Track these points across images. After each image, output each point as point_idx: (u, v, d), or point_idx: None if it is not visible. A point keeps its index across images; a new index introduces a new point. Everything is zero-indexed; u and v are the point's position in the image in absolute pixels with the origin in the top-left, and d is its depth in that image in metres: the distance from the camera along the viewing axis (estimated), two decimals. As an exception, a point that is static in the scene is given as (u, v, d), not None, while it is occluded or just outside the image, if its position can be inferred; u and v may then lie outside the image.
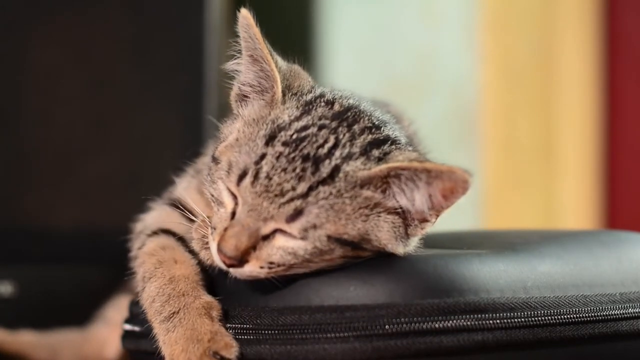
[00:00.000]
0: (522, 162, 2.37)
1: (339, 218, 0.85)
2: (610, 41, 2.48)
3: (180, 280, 0.91)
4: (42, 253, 1.57)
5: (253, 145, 0.87)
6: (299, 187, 0.84)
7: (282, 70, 0.93)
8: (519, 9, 2.36)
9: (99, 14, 1.62)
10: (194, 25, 1.62)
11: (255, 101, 0.93)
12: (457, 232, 1.21)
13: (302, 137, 0.87)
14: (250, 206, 0.85)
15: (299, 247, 0.85)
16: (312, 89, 0.94)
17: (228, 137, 0.92)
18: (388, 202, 0.87)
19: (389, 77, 2.33)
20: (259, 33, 0.91)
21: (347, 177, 0.86)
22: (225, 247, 0.85)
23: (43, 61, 1.59)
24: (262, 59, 0.92)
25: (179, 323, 0.88)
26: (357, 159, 0.87)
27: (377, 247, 0.87)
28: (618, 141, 2.50)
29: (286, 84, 0.92)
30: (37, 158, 1.60)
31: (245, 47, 0.93)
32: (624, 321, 0.93)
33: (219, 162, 0.90)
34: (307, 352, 0.85)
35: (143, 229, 1.01)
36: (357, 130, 0.89)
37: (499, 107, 2.31)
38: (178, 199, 1.01)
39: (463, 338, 0.85)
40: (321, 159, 0.86)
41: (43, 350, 1.34)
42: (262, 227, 0.85)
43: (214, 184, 0.90)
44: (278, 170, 0.85)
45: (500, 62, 2.32)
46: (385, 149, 0.89)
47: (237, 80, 0.95)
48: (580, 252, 0.98)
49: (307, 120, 0.89)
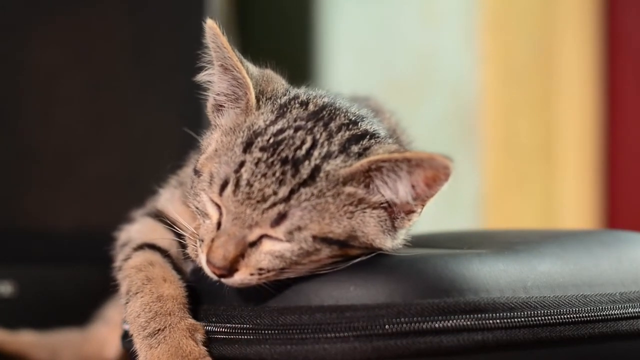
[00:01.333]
0: (522, 162, 2.37)
1: (322, 218, 0.85)
2: (610, 41, 2.48)
3: (168, 300, 0.91)
4: (42, 253, 1.57)
5: (231, 154, 0.88)
6: (281, 191, 0.84)
7: (254, 76, 0.93)
8: (519, 9, 2.36)
9: (99, 14, 1.62)
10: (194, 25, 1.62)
11: (230, 110, 0.94)
12: (457, 232, 1.21)
13: (279, 141, 0.87)
14: (235, 215, 0.85)
15: (286, 250, 0.85)
16: (286, 92, 0.94)
17: (207, 148, 0.92)
18: (372, 196, 0.87)
19: (389, 77, 2.33)
20: (226, 42, 0.91)
21: (328, 176, 0.86)
22: (214, 258, 0.86)
23: (43, 61, 1.59)
24: (233, 67, 0.92)
25: (164, 340, 0.88)
26: (337, 157, 0.87)
27: (365, 242, 0.87)
28: (618, 141, 2.50)
29: (259, 89, 0.92)
30: (37, 158, 1.60)
31: (215, 57, 0.93)
32: (624, 321, 0.93)
33: (200, 175, 0.90)
34: (307, 352, 0.85)
35: (128, 241, 1.01)
36: (334, 128, 0.89)
37: (499, 107, 2.31)
38: (162, 211, 1.02)
39: (463, 338, 0.85)
40: (300, 160, 0.86)
41: (43, 350, 1.34)
42: (248, 234, 0.85)
43: (197, 197, 0.90)
44: (258, 176, 0.85)
45: (500, 62, 2.32)
46: (364, 143, 0.89)
47: (211, 90, 0.95)
48: (580, 251, 0.98)
49: (282, 123, 0.89)
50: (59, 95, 1.60)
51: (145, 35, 1.62)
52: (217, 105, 0.95)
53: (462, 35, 2.31)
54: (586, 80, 2.45)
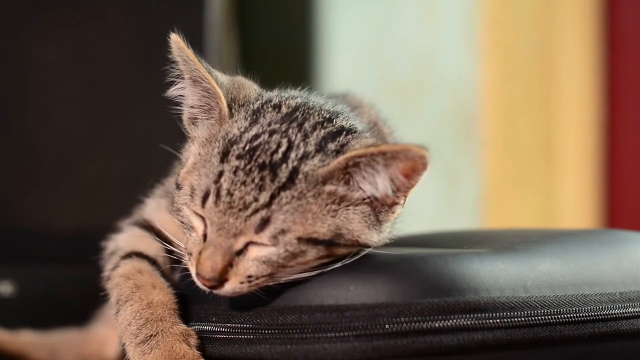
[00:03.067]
0: (522, 161, 2.37)
1: (305, 219, 0.85)
2: (611, 40, 2.48)
3: (158, 306, 0.92)
4: (42, 253, 1.57)
5: (210, 165, 0.88)
6: (261, 197, 0.84)
7: (225, 85, 0.93)
8: (519, 8, 2.36)
9: (99, 13, 1.62)
10: (194, 25, 1.62)
11: (205, 121, 0.93)
12: (457, 232, 1.21)
13: (255, 147, 0.87)
14: (218, 225, 0.85)
15: (272, 254, 0.85)
16: (259, 97, 0.94)
17: (187, 161, 0.93)
18: (354, 193, 0.87)
19: (389, 77, 2.33)
20: (192, 54, 0.91)
21: (307, 177, 0.86)
22: (203, 270, 0.86)
23: (43, 61, 1.59)
24: (202, 79, 0.91)
25: (156, 345, 0.88)
26: (314, 156, 0.87)
27: (351, 240, 0.87)
28: (618, 141, 2.50)
29: (231, 97, 0.92)
30: (37, 158, 1.60)
31: (183, 71, 0.93)
32: (624, 320, 0.93)
33: (181, 188, 0.90)
34: (307, 351, 0.85)
35: (115, 250, 1.01)
36: (309, 127, 0.89)
37: (498, 107, 2.31)
38: (148, 220, 1.02)
39: (463, 337, 0.85)
40: (277, 164, 0.86)
41: (43, 350, 1.34)
42: (234, 243, 0.85)
43: (180, 212, 0.90)
44: (238, 184, 0.85)
45: (500, 62, 2.31)
46: (341, 140, 0.89)
47: (185, 104, 0.95)
48: (580, 251, 0.98)
49: (256, 128, 0.89)
50: (59, 95, 1.60)
51: (146, 35, 1.62)
52: (191, 118, 0.95)
53: (462, 35, 2.31)
54: (586, 80, 2.45)
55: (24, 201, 1.59)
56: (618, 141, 2.50)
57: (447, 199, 2.25)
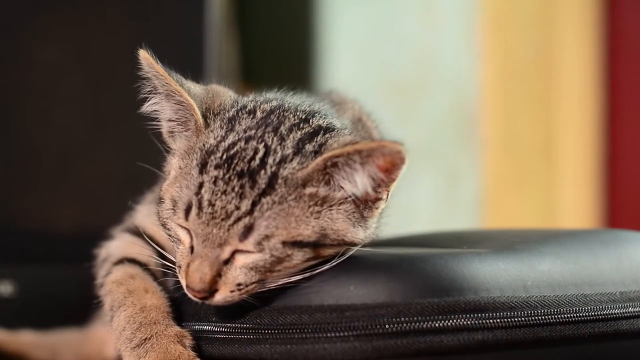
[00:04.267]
0: (522, 161, 2.37)
1: (288, 223, 0.85)
2: (611, 40, 2.48)
3: (151, 310, 0.92)
4: (42, 253, 1.57)
5: (190, 177, 0.87)
6: (242, 204, 0.84)
7: (198, 96, 0.92)
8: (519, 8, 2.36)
9: (99, 13, 1.62)
10: (194, 25, 1.62)
11: (182, 133, 0.93)
12: (457, 232, 1.21)
13: (232, 155, 0.87)
14: (203, 236, 0.85)
15: (258, 260, 0.85)
16: (234, 104, 0.94)
17: (169, 174, 0.92)
18: (335, 192, 0.87)
19: (389, 77, 2.33)
20: (162, 69, 0.91)
21: (286, 181, 0.86)
22: (192, 282, 0.86)
23: (43, 61, 1.59)
24: (174, 93, 0.91)
25: (151, 348, 0.88)
26: (292, 159, 0.86)
27: (337, 239, 0.87)
28: (618, 141, 2.50)
29: (205, 107, 0.92)
30: (37, 158, 1.60)
31: (155, 86, 0.93)
32: (624, 320, 0.93)
33: (163, 202, 0.90)
34: (307, 351, 0.85)
35: (107, 257, 1.01)
36: (284, 130, 0.89)
37: (499, 107, 2.31)
38: (139, 227, 1.02)
39: (463, 337, 0.85)
40: (256, 171, 0.85)
41: (43, 350, 1.34)
42: (221, 253, 0.85)
43: (166, 225, 0.90)
44: (218, 194, 0.85)
45: (500, 62, 2.31)
46: (318, 140, 0.88)
47: (162, 118, 0.95)
48: (580, 251, 0.98)
49: (233, 136, 0.88)
50: (59, 95, 1.60)
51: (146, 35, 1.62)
52: (170, 132, 0.95)
53: (462, 35, 2.31)
54: (586, 79, 2.45)
55: (24, 201, 1.59)
56: (618, 141, 2.50)
57: (447, 199, 2.25)
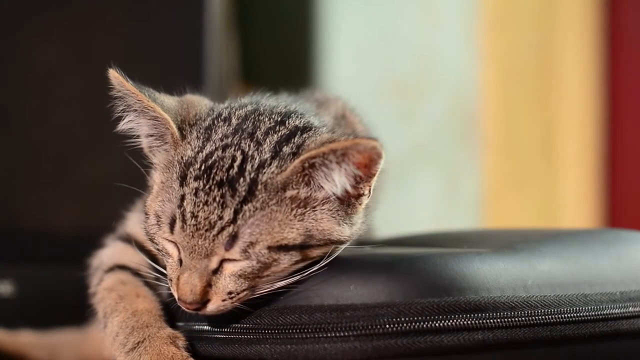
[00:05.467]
0: (522, 161, 2.37)
1: (272, 227, 0.85)
2: (611, 40, 2.48)
3: (143, 314, 0.92)
4: (42, 253, 1.57)
5: (171, 190, 0.87)
6: (225, 214, 0.84)
7: (172, 109, 0.92)
8: (519, 8, 2.36)
9: (99, 14, 1.62)
10: (194, 25, 1.62)
11: (161, 147, 0.93)
12: (457, 232, 1.21)
13: (211, 165, 0.86)
14: (190, 248, 0.85)
15: (246, 267, 0.85)
16: (210, 112, 0.93)
17: (152, 189, 0.92)
18: (317, 193, 0.87)
19: (389, 77, 2.33)
20: (132, 86, 0.91)
21: (266, 186, 0.85)
22: (183, 295, 0.86)
23: (43, 61, 1.59)
24: (147, 108, 0.91)
25: (145, 351, 0.88)
26: (271, 164, 0.86)
27: (323, 239, 0.87)
28: (618, 140, 2.50)
29: (180, 119, 0.91)
30: (37, 158, 1.60)
31: (128, 104, 0.92)
32: (624, 320, 0.93)
33: (148, 217, 0.90)
34: (307, 351, 0.85)
35: (99, 265, 1.02)
36: (260, 135, 0.88)
37: (499, 107, 2.31)
38: (130, 234, 1.02)
39: (463, 337, 0.85)
40: (235, 179, 0.85)
41: (43, 350, 1.34)
42: (209, 263, 0.85)
43: (153, 241, 0.90)
44: (200, 205, 0.85)
45: (501, 62, 2.32)
46: (295, 141, 0.88)
47: (141, 134, 0.94)
48: (580, 250, 0.98)
49: (210, 146, 0.88)
50: (59, 95, 1.60)
51: (146, 35, 1.62)
52: (149, 147, 0.94)
53: (462, 35, 2.31)
54: (586, 79, 2.45)
55: (24, 201, 1.59)
56: (618, 141, 2.50)
57: (447, 199, 2.25)
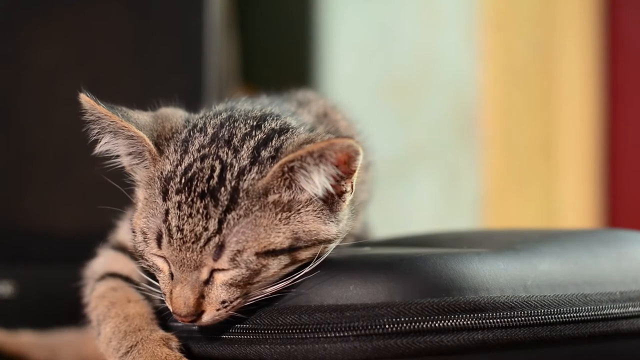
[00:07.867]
0: (522, 161, 2.37)
1: (258, 234, 0.85)
2: (611, 40, 2.48)
3: (135, 318, 0.92)
4: (42, 253, 1.57)
5: (155, 205, 0.87)
6: (210, 224, 0.84)
7: (147, 125, 0.92)
8: (519, 8, 2.36)
9: (99, 14, 1.62)
10: (194, 25, 1.62)
11: (140, 165, 0.93)
12: (457, 232, 1.21)
13: (191, 177, 0.86)
14: (179, 262, 0.85)
15: (236, 275, 0.85)
16: (186, 124, 0.93)
17: (137, 205, 0.92)
18: (299, 195, 0.87)
19: (389, 77, 2.33)
20: (104, 109, 0.91)
21: (248, 193, 0.85)
22: (177, 308, 0.86)
23: (43, 61, 1.59)
24: (122, 128, 0.91)
25: (138, 354, 0.89)
26: (250, 170, 0.86)
27: (310, 240, 0.87)
28: (618, 140, 2.50)
29: (156, 135, 0.91)
30: (37, 158, 1.60)
31: (102, 127, 0.92)
32: (624, 320, 0.93)
33: (135, 234, 0.90)
34: (307, 351, 0.85)
35: (92, 274, 1.02)
36: (237, 142, 0.88)
37: (499, 107, 2.31)
38: (122, 243, 1.02)
39: (463, 337, 0.85)
40: (216, 189, 0.85)
41: (43, 351, 1.34)
42: (199, 275, 0.85)
43: (143, 257, 0.90)
44: (185, 218, 0.85)
45: (500, 62, 2.32)
46: (273, 144, 0.88)
47: (120, 154, 0.94)
48: (580, 250, 0.98)
49: (188, 158, 0.88)
50: (59, 95, 1.59)
51: (146, 35, 1.62)
52: (130, 165, 0.94)
53: (462, 35, 2.31)
54: (586, 80, 2.45)
55: (24, 202, 1.59)
56: (618, 141, 2.50)
57: (447, 199, 2.25)
